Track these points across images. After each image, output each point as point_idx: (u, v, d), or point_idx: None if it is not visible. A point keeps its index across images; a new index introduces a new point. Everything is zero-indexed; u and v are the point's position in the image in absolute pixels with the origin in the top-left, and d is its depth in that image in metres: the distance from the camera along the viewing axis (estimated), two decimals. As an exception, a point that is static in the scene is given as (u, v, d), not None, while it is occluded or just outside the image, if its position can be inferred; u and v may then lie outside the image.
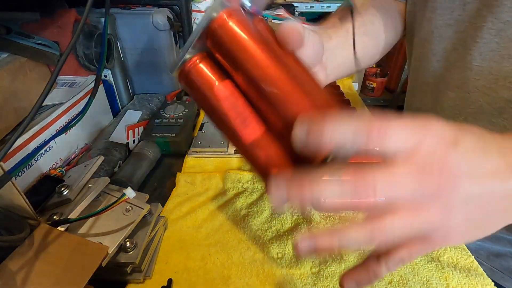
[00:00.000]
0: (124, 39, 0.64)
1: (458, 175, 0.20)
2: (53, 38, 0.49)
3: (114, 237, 0.33)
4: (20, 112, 0.43)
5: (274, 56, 0.22)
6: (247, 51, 0.22)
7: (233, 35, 0.22)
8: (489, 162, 0.21)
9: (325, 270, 0.37)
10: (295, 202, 0.20)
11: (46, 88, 0.29)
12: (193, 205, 0.45)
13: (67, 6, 0.57)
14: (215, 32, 0.22)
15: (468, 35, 0.39)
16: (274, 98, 0.22)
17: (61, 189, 0.37)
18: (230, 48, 0.22)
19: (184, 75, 0.24)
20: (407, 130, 0.20)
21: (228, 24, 0.22)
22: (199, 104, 0.25)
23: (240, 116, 0.24)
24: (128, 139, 0.54)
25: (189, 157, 0.55)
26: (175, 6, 0.67)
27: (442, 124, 0.21)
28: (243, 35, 0.22)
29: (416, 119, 0.20)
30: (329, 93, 0.23)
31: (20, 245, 0.29)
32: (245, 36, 0.22)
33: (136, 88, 0.71)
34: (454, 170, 0.20)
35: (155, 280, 0.36)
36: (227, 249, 0.39)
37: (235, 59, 0.22)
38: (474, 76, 0.39)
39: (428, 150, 0.20)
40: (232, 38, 0.22)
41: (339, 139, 0.19)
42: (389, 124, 0.19)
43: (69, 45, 0.32)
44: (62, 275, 0.28)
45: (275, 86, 0.22)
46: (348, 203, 0.19)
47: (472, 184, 0.21)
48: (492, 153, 0.21)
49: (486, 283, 0.35)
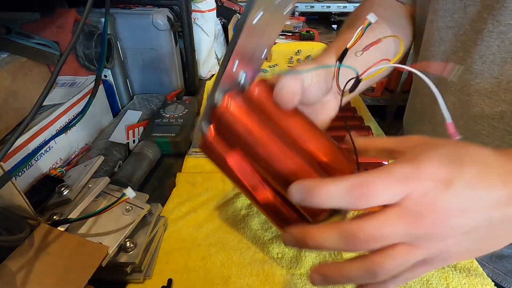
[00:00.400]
0: (124, 39, 0.64)
1: (451, 215, 0.21)
2: (53, 38, 0.49)
3: (114, 237, 0.33)
4: (20, 112, 0.43)
5: (268, 135, 0.26)
6: (242, 137, 0.26)
7: (229, 125, 0.26)
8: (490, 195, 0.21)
9: (325, 270, 0.37)
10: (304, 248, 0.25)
11: (46, 88, 0.29)
12: (193, 205, 0.45)
13: (67, 6, 0.57)
14: (216, 119, 0.27)
15: (468, 37, 0.39)
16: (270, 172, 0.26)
17: (61, 189, 0.37)
18: (229, 133, 0.27)
19: (202, 149, 0.29)
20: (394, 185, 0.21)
21: (224, 116, 0.26)
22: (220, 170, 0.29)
23: (251, 182, 0.28)
24: (128, 139, 0.54)
25: (189, 157, 0.55)
26: (175, 6, 0.67)
27: (436, 164, 0.21)
28: (238, 125, 0.26)
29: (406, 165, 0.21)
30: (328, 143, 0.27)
31: (20, 245, 0.29)
32: (239, 126, 0.26)
33: (136, 88, 0.71)
34: (445, 211, 0.21)
35: (155, 280, 0.36)
36: (227, 249, 0.39)
37: (234, 142, 0.27)
38: (475, 79, 0.39)
39: (419, 195, 0.20)
40: (229, 127, 0.26)
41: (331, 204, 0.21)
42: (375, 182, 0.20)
43: (69, 45, 0.32)
44: (62, 275, 0.28)
45: (269, 164, 0.26)
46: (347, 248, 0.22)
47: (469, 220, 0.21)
48: (493, 184, 0.22)
49: (486, 283, 0.35)
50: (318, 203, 0.21)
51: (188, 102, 0.64)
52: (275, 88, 0.27)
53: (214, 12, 0.85)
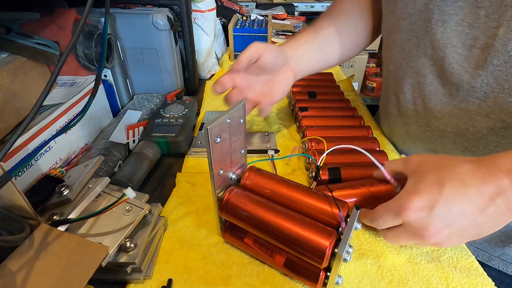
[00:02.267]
0: (124, 39, 0.64)
1: (440, 229, 0.31)
2: (53, 38, 0.49)
3: (114, 237, 0.33)
4: (20, 112, 0.43)
5: (260, 214, 0.34)
6: (242, 220, 0.36)
7: (230, 214, 0.36)
8: (468, 205, 0.30)
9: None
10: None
11: (46, 88, 0.29)
12: (193, 205, 0.45)
13: (67, 6, 0.57)
14: (224, 211, 0.37)
15: (418, 26, 0.44)
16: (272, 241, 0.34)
17: (61, 189, 0.37)
18: (232, 219, 0.37)
19: (225, 239, 0.40)
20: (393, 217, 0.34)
21: (227, 206, 0.36)
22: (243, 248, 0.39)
23: (266, 251, 0.36)
24: (128, 139, 0.54)
25: (189, 157, 0.55)
26: (175, 6, 0.67)
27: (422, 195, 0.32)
28: (237, 212, 0.36)
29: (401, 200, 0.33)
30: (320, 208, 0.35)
31: (20, 245, 0.29)
32: (237, 211, 0.35)
33: (136, 88, 0.71)
34: (434, 228, 0.31)
35: (155, 280, 0.36)
36: (227, 249, 0.39)
37: (241, 221, 0.36)
38: (429, 62, 0.45)
39: (411, 222, 0.32)
40: (231, 214, 0.36)
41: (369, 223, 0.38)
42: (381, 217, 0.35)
43: (69, 45, 0.32)
44: (62, 275, 0.28)
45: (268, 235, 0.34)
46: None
47: (456, 228, 0.31)
48: (469, 197, 0.30)
49: (486, 283, 0.35)
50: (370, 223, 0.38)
51: (188, 102, 0.64)
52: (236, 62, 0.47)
53: (214, 12, 0.85)
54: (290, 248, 0.33)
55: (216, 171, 0.34)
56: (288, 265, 0.34)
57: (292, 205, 0.36)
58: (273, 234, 0.33)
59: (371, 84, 2.14)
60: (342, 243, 0.30)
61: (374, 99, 2.10)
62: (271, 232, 0.33)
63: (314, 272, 0.33)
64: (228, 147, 0.35)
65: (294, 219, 0.33)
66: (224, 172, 0.36)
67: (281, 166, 0.53)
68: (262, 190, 0.37)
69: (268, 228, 0.34)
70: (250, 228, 0.35)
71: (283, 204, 0.36)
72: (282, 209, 0.35)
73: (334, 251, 0.31)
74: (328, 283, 0.32)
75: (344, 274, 0.36)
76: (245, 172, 0.39)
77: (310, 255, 0.31)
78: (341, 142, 0.53)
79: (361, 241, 0.40)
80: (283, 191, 0.37)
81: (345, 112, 0.64)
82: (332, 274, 0.31)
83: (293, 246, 0.32)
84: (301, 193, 0.36)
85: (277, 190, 0.37)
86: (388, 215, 0.34)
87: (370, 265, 0.37)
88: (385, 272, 0.37)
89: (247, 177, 0.38)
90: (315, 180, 0.46)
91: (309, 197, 0.36)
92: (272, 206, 0.35)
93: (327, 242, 0.31)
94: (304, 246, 0.31)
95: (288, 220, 0.33)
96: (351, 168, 0.47)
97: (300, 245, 0.32)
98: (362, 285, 0.35)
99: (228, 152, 0.35)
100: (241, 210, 0.35)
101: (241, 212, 0.35)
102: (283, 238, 0.33)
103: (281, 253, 0.35)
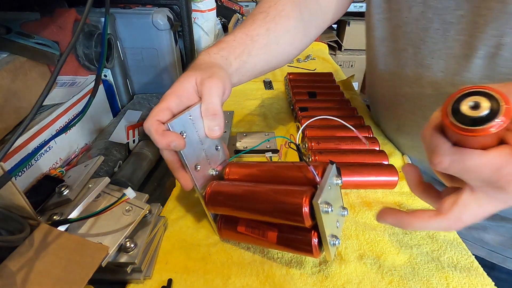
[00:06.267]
0: (124, 39, 0.64)
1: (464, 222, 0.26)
2: (53, 38, 0.49)
3: (114, 237, 0.33)
4: (20, 112, 0.43)
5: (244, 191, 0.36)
6: (226, 206, 0.37)
7: (214, 204, 0.37)
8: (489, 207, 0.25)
9: (325, 270, 0.37)
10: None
11: (46, 88, 0.29)
12: (193, 205, 0.45)
13: (67, 5, 0.57)
14: (207, 203, 0.38)
15: (415, 35, 0.42)
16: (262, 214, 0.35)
17: (61, 189, 0.37)
18: (218, 209, 0.38)
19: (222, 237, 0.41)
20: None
21: (208, 198, 0.37)
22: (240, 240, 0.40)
23: (259, 232, 0.36)
24: (128, 139, 0.54)
25: (189, 157, 0.55)
26: (175, 6, 0.67)
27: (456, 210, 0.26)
28: (219, 199, 0.37)
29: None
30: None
31: (20, 245, 0.29)
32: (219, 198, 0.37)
33: (136, 88, 0.71)
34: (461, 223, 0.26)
35: (155, 280, 0.36)
36: (227, 249, 0.39)
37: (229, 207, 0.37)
38: (426, 72, 0.43)
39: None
40: (215, 204, 0.37)
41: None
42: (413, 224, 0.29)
43: (69, 45, 0.32)
44: (62, 275, 0.28)
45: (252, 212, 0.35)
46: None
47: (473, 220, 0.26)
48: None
49: (486, 283, 0.35)
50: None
51: (188, 102, 0.64)
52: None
53: (214, 11, 0.85)
54: (275, 216, 0.33)
55: (191, 166, 0.35)
56: (281, 240, 0.35)
57: (271, 180, 0.37)
58: (256, 208, 0.34)
59: (371, 84, 2.14)
60: (318, 193, 0.30)
61: (374, 99, 2.10)
62: (254, 207, 0.34)
63: (306, 237, 0.33)
64: (199, 142, 0.36)
65: (272, 189, 0.34)
66: (203, 169, 0.37)
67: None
68: (244, 178, 0.39)
69: (250, 204, 0.35)
70: (236, 211, 0.36)
71: (263, 182, 0.37)
72: (260, 185, 0.36)
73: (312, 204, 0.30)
74: (323, 243, 0.32)
75: (344, 274, 0.36)
76: (225, 167, 0.40)
77: (292, 217, 0.32)
78: (341, 142, 0.53)
79: (361, 241, 0.40)
80: (261, 171, 0.38)
81: (345, 112, 0.64)
82: (321, 230, 0.31)
83: (276, 213, 0.33)
84: (278, 167, 0.38)
85: (256, 172, 0.38)
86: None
87: (370, 265, 0.37)
88: (385, 272, 0.37)
89: (229, 172, 0.39)
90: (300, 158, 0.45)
91: (285, 169, 0.37)
92: (250, 185, 0.36)
93: (302, 196, 0.31)
94: (284, 209, 0.32)
95: (267, 191, 0.34)
96: (351, 168, 0.47)
97: (281, 209, 0.32)
98: (362, 285, 0.35)
99: (199, 148, 0.36)
100: (223, 196, 0.36)
101: (223, 198, 0.36)
102: (266, 208, 0.34)
103: (272, 228, 0.35)
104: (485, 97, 0.20)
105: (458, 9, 0.37)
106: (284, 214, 0.32)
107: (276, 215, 0.33)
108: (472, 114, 0.20)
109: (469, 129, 0.20)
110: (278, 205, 0.33)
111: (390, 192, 0.48)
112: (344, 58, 2.07)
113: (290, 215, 0.32)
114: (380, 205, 0.46)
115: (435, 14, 0.39)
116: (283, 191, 0.33)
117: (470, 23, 0.37)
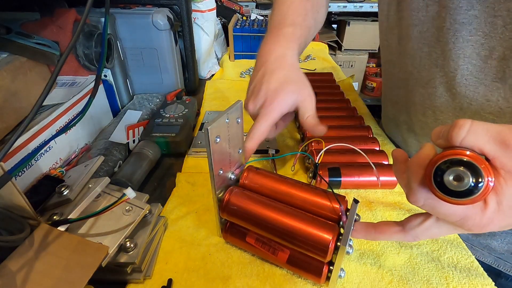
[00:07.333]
0: (124, 39, 0.64)
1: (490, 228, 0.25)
2: (53, 38, 0.49)
3: (114, 237, 0.33)
4: (20, 112, 0.43)
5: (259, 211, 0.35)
6: (244, 220, 0.36)
7: (232, 214, 0.36)
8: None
9: (325, 270, 0.37)
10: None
11: (46, 88, 0.29)
12: (193, 205, 0.45)
13: (67, 6, 0.57)
14: (223, 210, 0.36)
15: (431, 34, 0.42)
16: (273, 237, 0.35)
17: (61, 189, 0.37)
18: (234, 219, 0.37)
19: (226, 239, 0.40)
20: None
21: (226, 206, 0.36)
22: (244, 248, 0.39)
23: (269, 249, 0.36)
24: (128, 139, 0.54)
25: (189, 157, 0.55)
26: (175, 6, 0.67)
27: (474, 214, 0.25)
28: (238, 211, 0.36)
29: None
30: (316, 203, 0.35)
31: (20, 245, 0.29)
32: (238, 210, 0.36)
33: (136, 88, 0.71)
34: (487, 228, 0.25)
35: (155, 280, 0.36)
36: (227, 249, 0.39)
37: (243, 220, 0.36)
38: (439, 72, 0.43)
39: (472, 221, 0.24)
40: (232, 214, 0.36)
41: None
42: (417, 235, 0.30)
43: (69, 45, 0.32)
44: (62, 275, 0.28)
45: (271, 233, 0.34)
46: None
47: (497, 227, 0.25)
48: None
49: (486, 283, 0.35)
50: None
51: (188, 102, 0.64)
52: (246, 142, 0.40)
53: (214, 11, 0.85)
54: (294, 244, 0.33)
55: (216, 172, 0.34)
56: (291, 261, 0.35)
57: (292, 201, 0.36)
58: (276, 231, 0.33)
59: (371, 84, 2.14)
60: (345, 236, 0.30)
61: (374, 99, 2.10)
62: (274, 229, 0.34)
63: (317, 267, 0.33)
64: (227, 147, 0.35)
65: (296, 215, 0.34)
66: (224, 173, 0.36)
67: (282, 166, 0.53)
68: (261, 189, 0.38)
69: (271, 225, 0.34)
70: (253, 227, 0.35)
71: (283, 202, 0.36)
72: (283, 207, 0.35)
73: (337, 245, 0.31)
74: (331, 276, 0.33)
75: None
76: (243, 172, 0.39)
77: (313, 250, 0.32)
78: (341, 142, 0.53)
79: (361, 241, 0.40)
80: (282, 189, 0.37)
81: (345, 112, 0.64)
82: (336, 267, 0.32)
83: (297, 242, 0.32)
84: (301, 189, 0.36)
85: (276, 188, 0.37)
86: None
87: (370, 265, 0.37)
88: (385, 272, 0.37)
89: (246, 176, 0.38)
90: (314, 178, 0.46)
91: (308, 193, 0.36)
92: (273, 204, 0.35)
93: (330, 236, 0.31)
94: (307, 241, 0.32)
95: (290, 216, 0.33)
96: (351, 168, 0.47)
97: (304, 240, 0.32)
98: (362, 285, 0.35)
99: (227, 152, 0.35)
100: (243, 210, 0.35)
101: (242, 211, 0.35)
102: (287, 234, 0.33)
103: (284, 250, 0.35)
104: (468, 170, 0.21)
105: (470, 9, 0.37)
106: (304, 244, 0.32)
107: (295, 243, 0.33)
108: (454, 187, 0.21)
109: (452, 201, 0.22)
110: (301, 234, 0.32)
111: (390, 192, 0.48)
112: (344, 58, 2.07)
113: (311, 247, 0.32)
114: (380, 205, 0.46)
115: (447, 14, 0.39)
116: (309, 220, 0.33)
117: (484, 23, 0.36)
